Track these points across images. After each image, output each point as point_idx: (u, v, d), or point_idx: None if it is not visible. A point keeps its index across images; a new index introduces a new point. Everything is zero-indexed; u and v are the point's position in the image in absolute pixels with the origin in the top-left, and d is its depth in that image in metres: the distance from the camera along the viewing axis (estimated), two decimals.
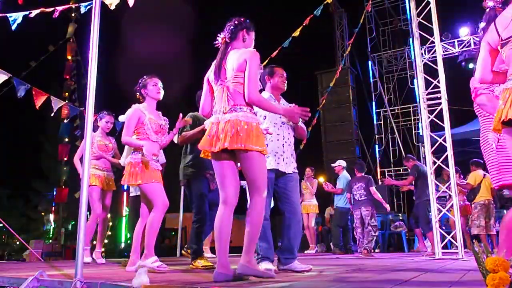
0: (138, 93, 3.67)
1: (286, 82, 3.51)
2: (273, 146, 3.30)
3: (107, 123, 5.24)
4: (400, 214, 10.03)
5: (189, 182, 3.97)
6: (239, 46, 2.64)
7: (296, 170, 3.46)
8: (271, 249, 3.21)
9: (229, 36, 2.64)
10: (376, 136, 13.21)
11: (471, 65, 11.05)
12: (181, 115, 3.72)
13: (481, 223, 6.54)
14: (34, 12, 5.10)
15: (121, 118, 4.98)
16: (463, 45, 11.01)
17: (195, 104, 4.10)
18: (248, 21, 2.72)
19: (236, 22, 2.67)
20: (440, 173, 6.98)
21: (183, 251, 4.27)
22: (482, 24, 2.47)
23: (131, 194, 5.01)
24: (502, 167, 2.80)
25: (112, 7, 4.16)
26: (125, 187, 13.10)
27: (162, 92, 3.62)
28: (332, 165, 7.77)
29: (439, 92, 5.50)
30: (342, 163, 7.57)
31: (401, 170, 12.65)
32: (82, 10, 4.89)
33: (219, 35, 2.69)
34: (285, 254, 3.25)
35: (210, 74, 2.69)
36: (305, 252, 8.02)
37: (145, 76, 3.65)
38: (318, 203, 8.36)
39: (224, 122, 2.44)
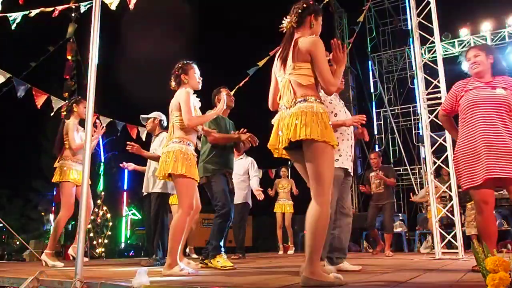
0: (175, 77, 3.31)
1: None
2: (344, 145, 3.30)
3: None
4: (400, 214, 10.00)
5: (209, 180, 3.85)
6: (305, 33, 2.41)
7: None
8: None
9: (295, 20, 2.41)
10: (376, 136, 13.20)
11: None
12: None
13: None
14: (34, 12, 5.10)
15: None
16: (463, 45, 11.01)
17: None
18: (317, 4, 2.49)
19: (304, 5, 2.43)
20: (439, 173, 7.00)
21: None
22: None
23: (153, 191, 4.53)
24: None
25: (112, 7, 4.16)
26: (125, 187, 13.11)
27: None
28: None
29: (439, 92, 5.50)
30: None
31: (401, 170, 12.63)
32: (82, 9, 4.90)
33: (284, 18, 2.43)
34: (336, 254, 3.24)
35: (275, 65, 2.48)
36: (288, 252, 7.78)
37: (186, 61, 3.31)
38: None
39: (289, 117, 2.25)
